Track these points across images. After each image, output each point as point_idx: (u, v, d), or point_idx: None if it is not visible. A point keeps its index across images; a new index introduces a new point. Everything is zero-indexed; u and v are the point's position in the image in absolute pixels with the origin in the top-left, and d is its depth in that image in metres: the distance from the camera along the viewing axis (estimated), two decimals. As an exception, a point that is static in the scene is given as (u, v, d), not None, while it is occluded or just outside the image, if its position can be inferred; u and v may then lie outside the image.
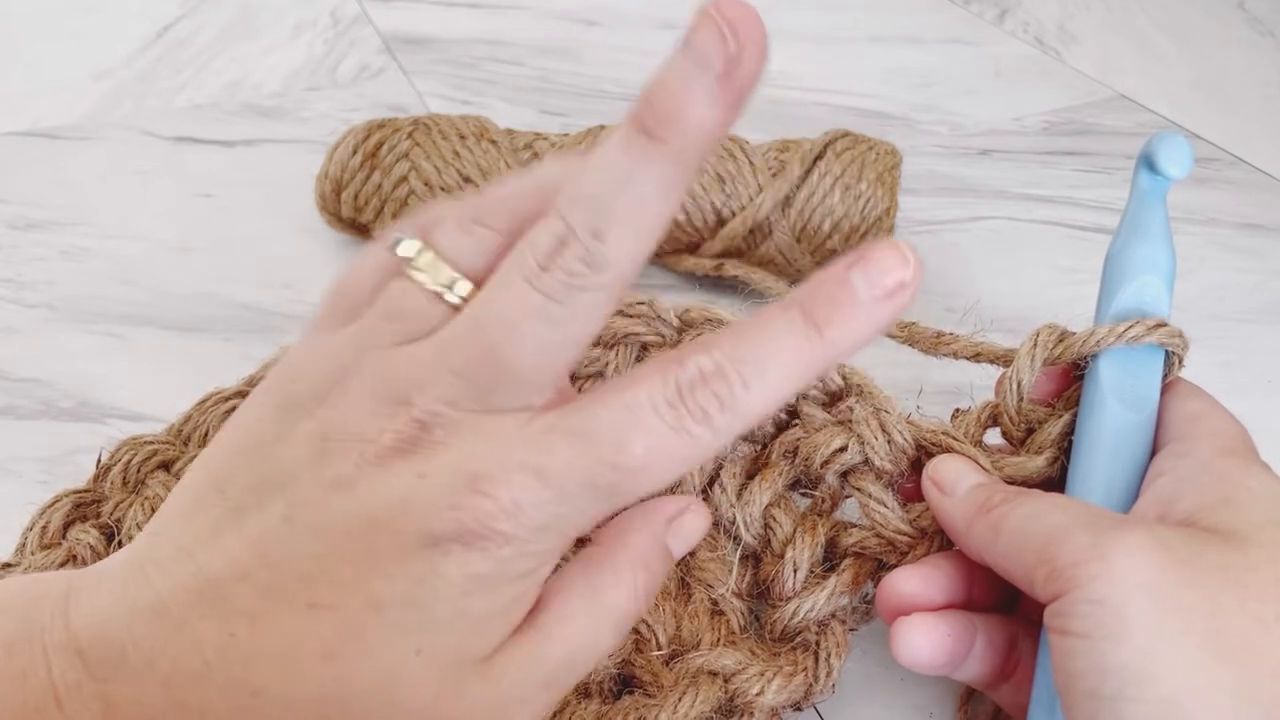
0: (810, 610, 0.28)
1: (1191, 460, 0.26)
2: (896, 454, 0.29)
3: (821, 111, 0.61)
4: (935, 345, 0.31)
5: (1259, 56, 0.68)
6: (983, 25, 0.72)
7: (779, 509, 0.30)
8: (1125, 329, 0.28)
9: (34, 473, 0.37)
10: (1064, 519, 0.24)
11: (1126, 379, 0.28)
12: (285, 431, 0.21)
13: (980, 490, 0.26)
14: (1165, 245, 0.29)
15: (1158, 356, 0.28)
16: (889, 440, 0.29)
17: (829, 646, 0.28)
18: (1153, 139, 0.30)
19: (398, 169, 0.44)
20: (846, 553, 0.29)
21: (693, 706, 0.26)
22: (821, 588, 0.28)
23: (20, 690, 0.19)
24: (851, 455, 0.29)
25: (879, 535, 0.28)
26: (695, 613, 0.29)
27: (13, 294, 0.44)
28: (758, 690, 0.27)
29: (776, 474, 0.30)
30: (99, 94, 0.59)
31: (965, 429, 0.29)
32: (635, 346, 0.32)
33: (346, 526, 0.20)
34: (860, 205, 0.42)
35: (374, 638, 0.19)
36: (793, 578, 0.29)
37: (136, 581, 0.20)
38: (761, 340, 0.20)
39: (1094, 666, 0.21)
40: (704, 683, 0.27)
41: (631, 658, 0.28)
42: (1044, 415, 0.29)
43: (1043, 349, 0.29)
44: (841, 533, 0.29)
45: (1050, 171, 0.56)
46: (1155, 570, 0.22)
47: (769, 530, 0.30)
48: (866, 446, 0.29)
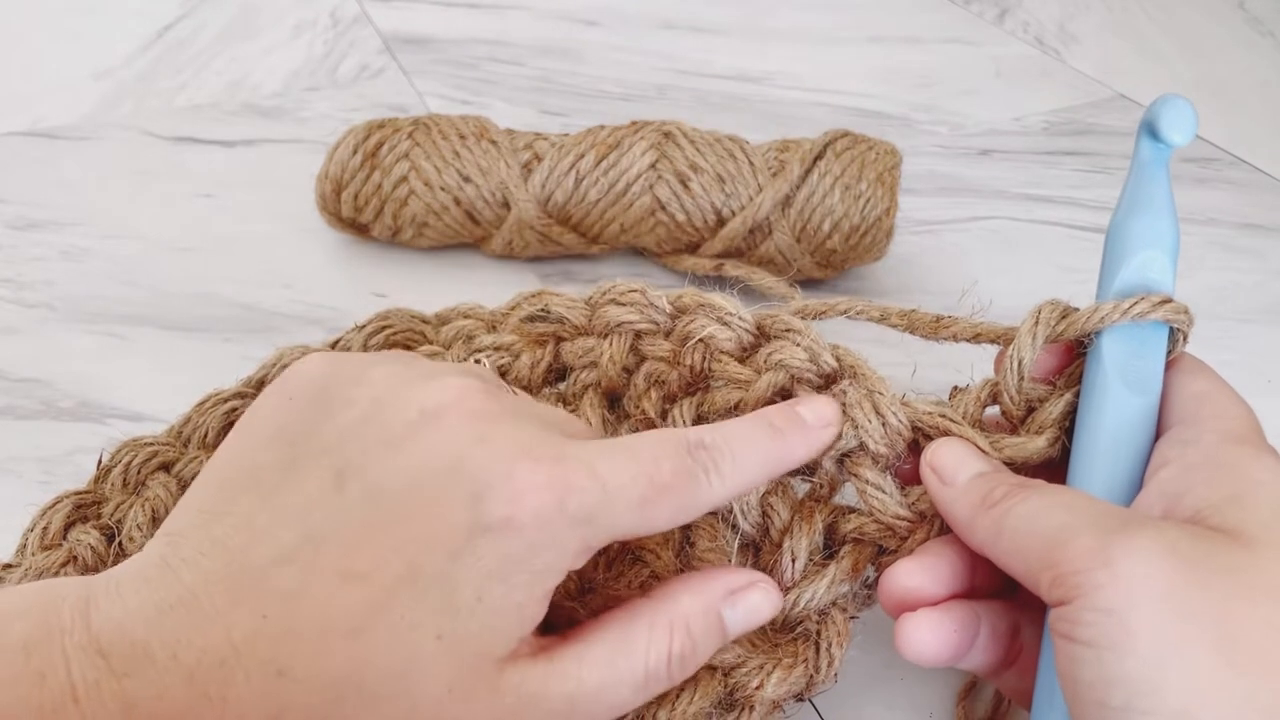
0: (811, 600, 0.28)
1: (1198, 448, 0.25)
2: (892, 437, 0.28)
3: (821, 111, 0.61)
4: (935, 329, 0.31)
5: (1259, 56, 0.68)
6: (983, 25, 0.72)
7: (776, 497, 0.29)
8: (1130, 305, 0.27)
9: (34, 473, 0.37)
10: (1067, 520, 0.23)
11: (1130, 358, 0.27)
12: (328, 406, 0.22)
13: (981, 482, 0.26)
14: (1168, 217, 0.28)
15: (1162, 334, 0.28)
16: (883, 423, 0.28)
17: (830, 635, 0.27)
18: (1155, 103, 0.29)
19: (398, 169, 0.44)
20: (845, 539, 0.29)
21: (691, 703, 0.26)
22: (821, 576, 0.28)
23: (38, 691, 0.19)
24: (846, 440, 0.28)
25: (877, 520, 0.28)
26: None
27: (13, 294, 0.44)
28: (757, 684, 0.26)
29: None
30: (99, 94, 0.59)
31: (963, 408, 0.29)
32: (629, 335, 0.31)
33: (398, 486, 0.21)
34: (860, 205, 0.42)
35: (400, 614, 0.20)
36: (791, 567, 0.28)
37: (163, 579, 0.21)
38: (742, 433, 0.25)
39: (1101, 677, 0.21)
40: (703, 678, 0.26)
41: None
42: (1045, 394, 0.28)
43: (1045, 326, 0.28)
44: (840, 519, 0.29)
45: (1050, 171, 0.56)
46: (1163, 577, 0.21)
47: (767, 519, 0.30)
48: (860, 430, 0.28)
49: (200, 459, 0.32)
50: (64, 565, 0.29)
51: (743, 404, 0.29)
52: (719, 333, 0.30)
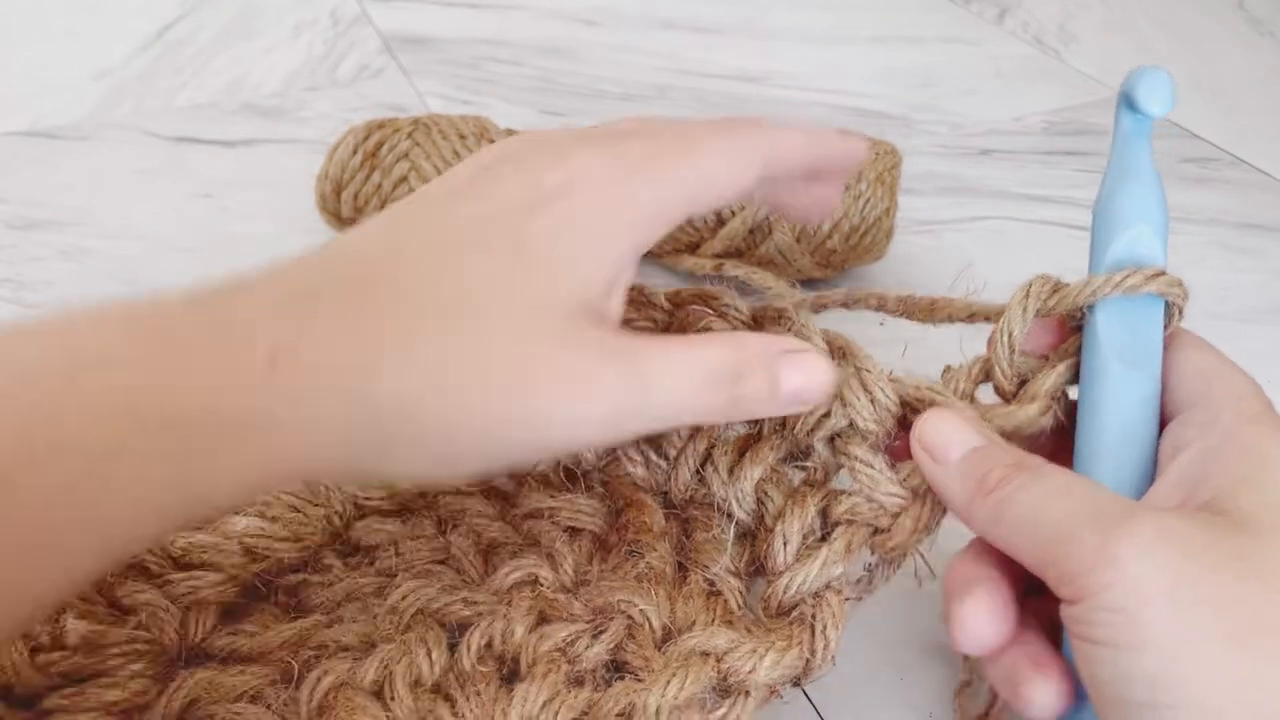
0: (803, 582, 0.27)
1: (1215, 431, 0.24)
2: (880, 413, 0.28)
3: (821, 111, 0.61)
4: (930, 312, 0.31)
5: (1259, 56, 0.68)
6: (983, 25, 0.72)
7: (771, 484, 0.29)
8: (1123, 278, 0.27)
9: (34, 473, 0.37)
10: (1068, 512, 0.23)
11: (1126, 335, 0.27)
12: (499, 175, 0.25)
13: (976, 460, 0.25)
14: (1154, 189, 0.28)
15: (1157, 309, 0.27)
16: (871, 400, 0.28)
17: (825, 618, 0.27)
18: (1131, 74, 0.29)
19: (398, 169, 0.44)
20: (839, 521, 0.28)
21: (683, 688, 0.26)
22: (814, 559, 0.27)
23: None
24: (836, 419, 0.28)
25: (870, 499, 0.28)
26: (690, 595, 0.29)
27: (12, 294, 0.44)
28: (750, 668, 0.26)
29: (768, 448, 0.30)
30: (99, 94, 0.59)
31: (955, 385, 0.29)
32: None
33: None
34: (860, 205, 0.42)
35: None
36: (783, 551, 0.28)
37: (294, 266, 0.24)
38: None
39: (1120, 675, 0.21)
40: (695, 664, 0.26)
41: (624, 644, 0.28)
42: (1037, 367, 0.28)
43: (1035, 299, 0.28)
44: (833, 501, 0.28)
45: (1050, 171, 0.56)
46: (1170, 569, 0.21)
47: (761, 506, 0.29)
48: (849, 408, 0.28)
49: None
50: None
51: None
52: (715, 325, 0.30)
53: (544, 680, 0.27)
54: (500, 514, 0.32)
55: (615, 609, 0.28)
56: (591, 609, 0.29)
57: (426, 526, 0.32)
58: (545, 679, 0.27)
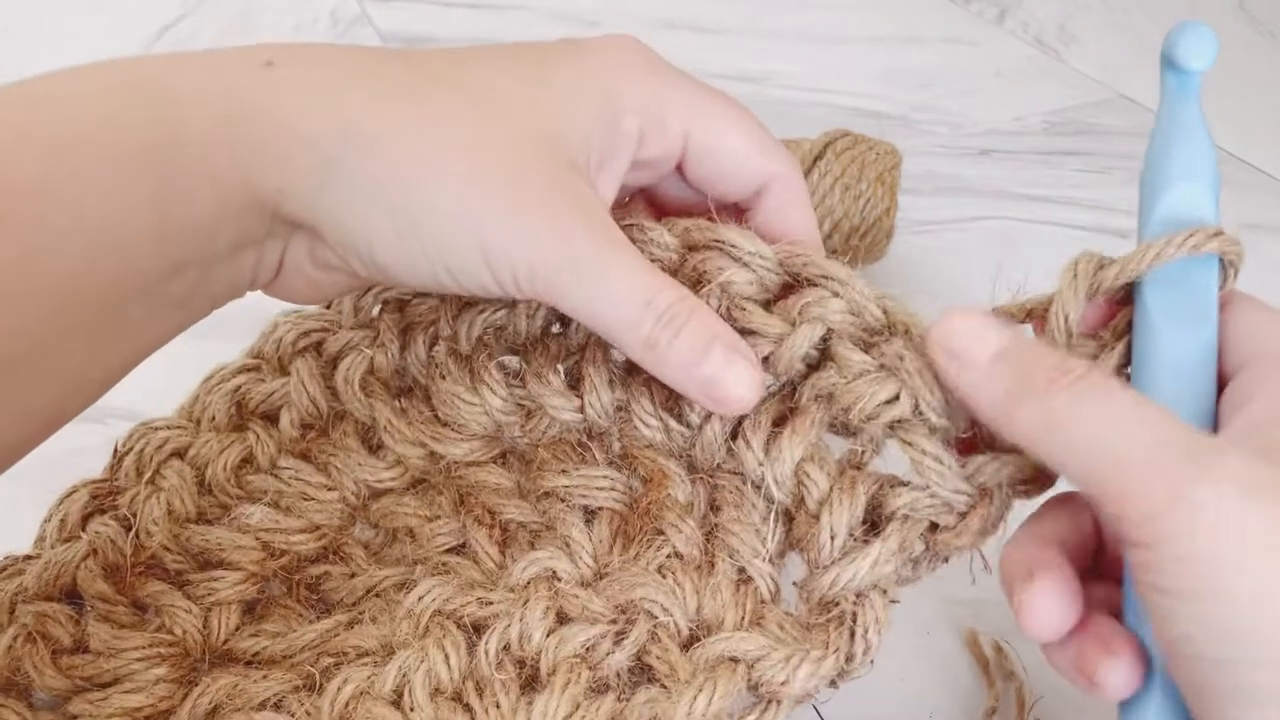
0: (851, 580, 0.25)
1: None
2: (954, 411, 0.25)
3: (821, 111, 0.61)
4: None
5: (1259, 56, 0.68)
6: (983, 25, 0.72)
7: (812, 463, 0.26)
8: (1185, 238, 0.25)
9: (33, 473, 0.36)
10: (1143, 441, 0.20)
11: (1177, 300, 0.25)
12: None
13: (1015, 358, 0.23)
14: (1203, 145, 0.26)
15: (1210, 270, 0.26)
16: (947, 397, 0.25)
17: (867, 620, 0.25)
18: (1171, 31, 0.27)
19: (398, 169, 0.44)
20: (893, 515, 0.26)
21: (710, 703, 0.24)
22: (865, 555, 0.25)
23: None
24: (902, 409, 0.25)
25: (934, 495, 0.25)
26: (718, 587, 0.27)
27: (13, 294, 0.44)
28: (783, 679, 0.24)
29: (809, 423, 0.26)
30: (99, 94, 0.59)
31: None
32: None
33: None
34: (860, 205, 0.42)
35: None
36: (829, 545, 0.25)
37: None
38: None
39: (1198, 630, 0.19)
40: (723, 673, 0.25)
41: (647, 647, 0.27)
42: (1095, 350, 0.26)
43: (1084, 278, 0.26)
44: (887, 492, 0.26)
45: (1050, 171, 0.56)
46: (1254, 514, 0.19)
47: (802, 488, 0.26)
48: (922, 403, 0.25)
49: (212, 442, 0.32)
50: (85, 558, 0.29)
51: (774, 358, 0.27)
52: (739, 276, 0.27)
53: (564, 693, 0.25)
54: (516, 487, 0.30)
55: (638, 607, 0.27)
56: (613, 606, 0.27)
57: (444, 504, 0.31)
58: (565, 691, 0.25)
